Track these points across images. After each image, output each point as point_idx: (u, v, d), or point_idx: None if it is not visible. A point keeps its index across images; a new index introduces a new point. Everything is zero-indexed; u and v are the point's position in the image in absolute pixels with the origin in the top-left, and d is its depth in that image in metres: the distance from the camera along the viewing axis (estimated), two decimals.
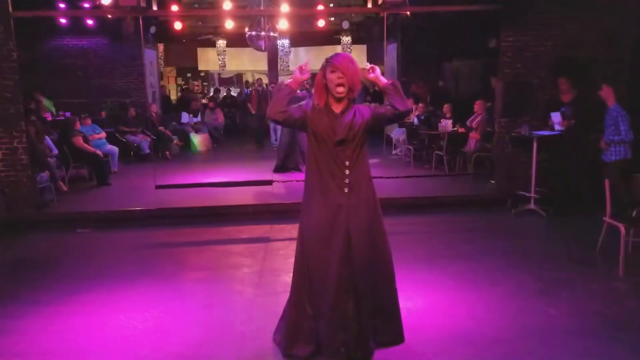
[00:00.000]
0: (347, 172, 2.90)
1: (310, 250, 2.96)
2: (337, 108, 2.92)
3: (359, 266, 2.93)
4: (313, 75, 3.21)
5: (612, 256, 4.52)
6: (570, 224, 5.94)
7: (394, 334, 3.21)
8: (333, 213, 2.90)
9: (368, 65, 2.99)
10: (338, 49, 16.15)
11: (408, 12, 8.81)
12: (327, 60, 2.87)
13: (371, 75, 2.99)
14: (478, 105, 8.83)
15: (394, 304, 3.19)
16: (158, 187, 6.84)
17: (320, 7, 10.40)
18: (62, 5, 9.99)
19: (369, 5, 7.89)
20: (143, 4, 6.06)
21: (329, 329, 2.95)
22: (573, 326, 3.53)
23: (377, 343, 3.11)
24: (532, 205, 6.41)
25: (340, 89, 2.85)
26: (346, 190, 2.90)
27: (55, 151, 8.03)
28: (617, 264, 4.42)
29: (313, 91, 3.00)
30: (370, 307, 3.02)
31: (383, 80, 2.95)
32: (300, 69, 2.92)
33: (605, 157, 5.65)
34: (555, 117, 6.30)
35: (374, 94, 15.38)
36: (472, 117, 8.89)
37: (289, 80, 2.93)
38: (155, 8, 8.09)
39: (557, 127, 6.29)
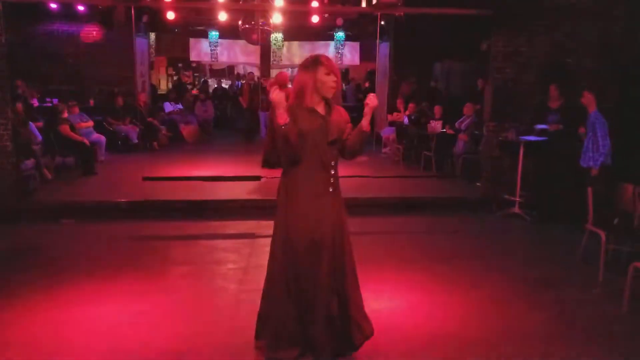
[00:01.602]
0: (332, 172, 2.98)
1: (299, 251, 2.96)
2: (320, 109, 2.95)
3: (339, 262, 3.02)
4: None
5: (593, 262, 4.60)
6: (554, 229, 6.05)
7: (369, 326, 3.22)
8: (321, 212, 2.95)
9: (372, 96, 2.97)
10: (331, 45, 16.14)
11: (402, 13, 8.83)
12: (320, 62, 2.88)
13: (371, 105, 2.95)
14: (467, 108, 8.90)
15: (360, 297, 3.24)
16: (145, 178, 6.80)
17: (315, 4, 10.36)
18: None
19: (363, 4, 7.90)
20: None
21: (319, 327, 2.99)
22: (552, 331, 3.60)
23: (361, 336, 3.15)
24: (516, 209, 6.49)
25: (333, 91, 2.91)
26: (331, 189, 2.99)
27: (40, 138, 7.94)
28: (598, 269, 4.50)
29: (294, 93, 2.94)
30: (351, 302, 3.10)
31: (367, 120, 2.97)
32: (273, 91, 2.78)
33: (584, 162, 5.70)
34: (540, 127, 6.36)
35: (365, 91, 15.43)
36: (461, 119, 8.96)
37: (277, 117, 2.76)
38: None
39: (540, 127, 6.30)
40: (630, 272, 3.87)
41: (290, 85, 8.22)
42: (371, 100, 2.94)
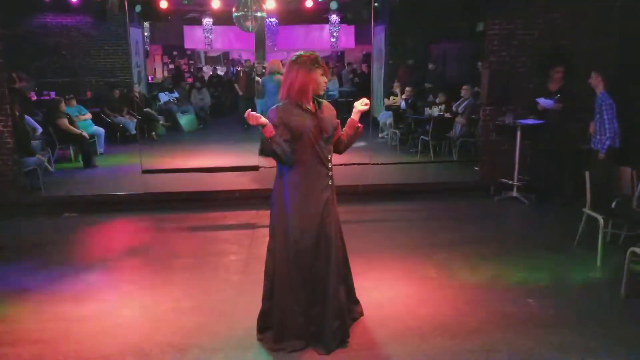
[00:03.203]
0: (329, 165, 3.09)
1: (308, 247, 3.04)
2: (311, 106, 3.02)
3: (340, 251, 3.19)
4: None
5: (591, 246, 4.64)
6: (552, 213, 6.09)
7: (359, 308, 3.57)
8: (325, 206, 3.04)
9: (365, 102, 3.17)
10: (326, 28, 16.02)
11: None
12: (318, 64, 2.96)
13: (363, 108, 3.15)
14: (465, 91, 8.89)
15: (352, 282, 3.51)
16: (145, 171, 6.83)
17: None
18: None
19: None
20: None
21: (327, 316, 3.08)
22: (550, 317, 3.66)
23: (350, 321, 3.38)
24: (514, 193, 6.54)
25: (323, 90, 3.05)
26: (330, 182, 3.10)
27: (39, 130, 7.94)
28: (596, 254, 4.55)
29: (288, 90, 2.97)
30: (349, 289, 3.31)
31: (358, 116, 3.20)
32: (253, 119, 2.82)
33: (593, 144, 5.71)
34: (545, 102, 6.31)
35: (361, 75, 15.35)
36: (459, 102, 8.95)
37: (265, 131, 2.84)
38: None
39: (544, 103, 6.27)
40: (628, 257, 3.92)
41: (281, 71, 8.19)
42: (364, 106, 3.13)
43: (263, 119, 2.81)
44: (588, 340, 3.35)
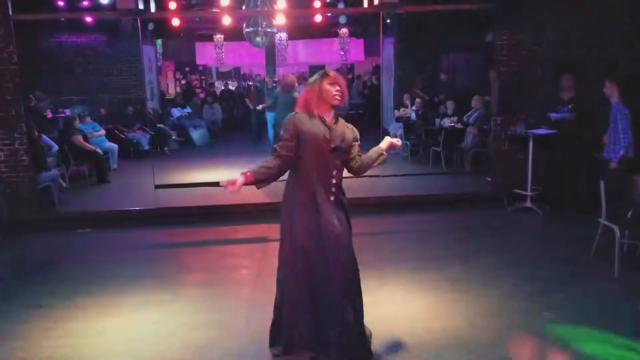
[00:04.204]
0: (333, 180, 3.06)
1: (308, 257, 3.03)
2: (328, 118, 3.07)
3: (346, 270, 3.08)
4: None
5: (608, 257, 4.56)
6: (567, 223, 5.99)
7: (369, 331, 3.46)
8: (322, 219, 3.01)
9: (399, 142, 3.32)
10: (335, 42, 16.13)
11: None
12: (325, 74, 3.07)
13: (395, 141, 3.29)
14: (475, 101, 8.86)
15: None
16: (157, 186, 6.89)
17: (317, 4, 10.37)
18: (60, 3, 9.96)
19: (365, 4, 7.89)
20: (140, 6, 6.06)
21: (335, 331, 3.04)
22: (567, 330, 3.59)
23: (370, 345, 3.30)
24: (528, 204, 6.46)
25: (338, 98, 3.06)
26: (332, 198, 3.06)
27: (55, 148, 8.08)
28: (613, 265, 4.47)
29: (302, 103, 3.12)
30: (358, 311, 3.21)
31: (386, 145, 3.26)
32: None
33: (606, 154, 5.64)
34: (557, 115, 6.29)
35: (371, 87, 15.40)
36: (470, 112, 8.92)
37: (246, 180, 2.98)
38: (153, 6, 8.10)
39: (554, 116, 6.25)
40: None
41: (297, 89, 8.26)
42: (395, 143, 3.26)
43: (237, 182, 2.92)
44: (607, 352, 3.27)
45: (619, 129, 5.37)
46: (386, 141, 3.24)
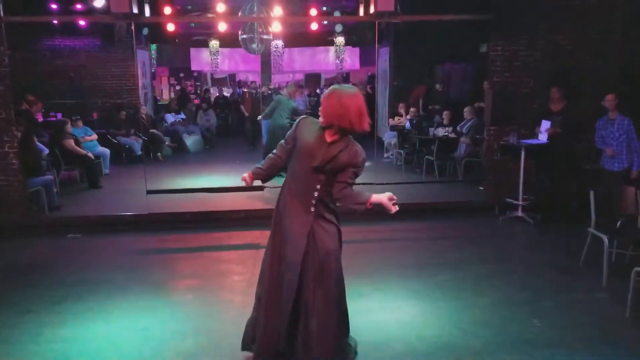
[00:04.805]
0: (315, 193, 2.92)
1: (281, 258, 3.05)
2: (329, 136, 2.89)
3: (318, 285, 2.98)
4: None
5: (597, 266, 4.61)
6: (557, 233, 6.04)
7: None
8: (297, 230, 2.96)
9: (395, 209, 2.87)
10: (331, 50, 16.22)
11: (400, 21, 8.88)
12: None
13: (389, 204, 2.86)
14: (467, 112, 8.93)
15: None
16: (149, 192, 6.86)
17: (314, 12, 10.44)
18: (54, 6, 9.94)
19: (361, 13, 7.94)
20: (135, 10, 6.04)
21: (296, 340, 3.04)
22: (556, 338, 3.61)
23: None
24: (519, 213, 6.50)
25: (321, 119, 2.88)
26: (312, 209, 2.94)
27: (46, 151, 8.02)
28: (601, 273, 4.51)
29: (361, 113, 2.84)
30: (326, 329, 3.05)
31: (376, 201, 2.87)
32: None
33: (611, 165, 5.77)
34: (545, 124, 6.36)
35: (366, 96, 15.45)
36: (463, 123, 8.98)
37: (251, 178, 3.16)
38: (147, 10, 8.09)
39: (541, 136, 6.35)
40: (633, 277, 3.88)
41: (296, 100, 8.32)
42: (393, 205, 2.85)
43: (246, 177, 3.14)
44: None
45: (632, 139, 5.57)
46: (383, 196, 2.84)
